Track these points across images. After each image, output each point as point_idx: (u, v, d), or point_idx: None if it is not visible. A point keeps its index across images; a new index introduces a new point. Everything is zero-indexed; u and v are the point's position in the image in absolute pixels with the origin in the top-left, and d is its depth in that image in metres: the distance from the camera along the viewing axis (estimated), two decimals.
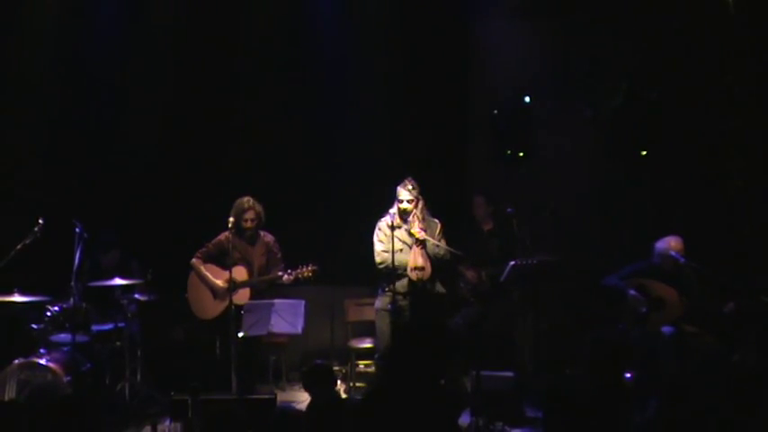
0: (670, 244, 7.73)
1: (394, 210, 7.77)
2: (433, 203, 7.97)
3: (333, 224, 9.11)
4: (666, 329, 7.63)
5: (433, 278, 7.79)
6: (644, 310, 7.65)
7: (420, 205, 7.73)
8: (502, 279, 8.03)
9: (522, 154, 8.91)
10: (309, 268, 7.65)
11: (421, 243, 7.68)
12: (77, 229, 7.55)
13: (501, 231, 8.31)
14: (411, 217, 7.71)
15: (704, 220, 8.63)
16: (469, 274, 8.31)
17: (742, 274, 7.67)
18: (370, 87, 9.32)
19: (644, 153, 8.86)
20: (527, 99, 8.95)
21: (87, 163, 9.13)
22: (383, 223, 7.81)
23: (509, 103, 9.00)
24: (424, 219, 7.74)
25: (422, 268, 7.67)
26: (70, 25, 9.13)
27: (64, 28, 9.13)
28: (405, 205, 7.69)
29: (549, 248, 8.14)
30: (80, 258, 7.56)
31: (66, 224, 7.63)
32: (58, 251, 7.78)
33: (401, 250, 7.71)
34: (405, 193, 7.69)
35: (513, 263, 7.89)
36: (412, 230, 7.66)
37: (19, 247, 7.62)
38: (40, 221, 7.64)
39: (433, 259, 7.75)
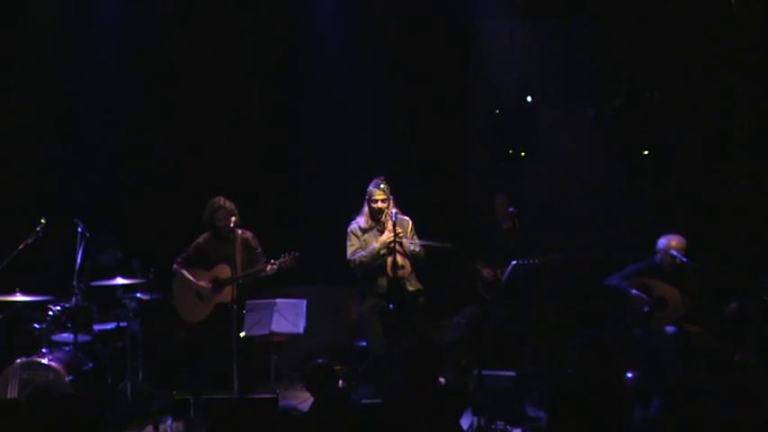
0: (671, 243, 7.71)
1: (366, 210, 7.75)
2: (433, 203, 7.96)
3: (334, 224, 9.09)
4: (669, 329, 7.64)
5: (412, 275, 7.79)
6: (646, 309, 7.66)
7: (391, 204, 7.71)
8: (503, 278, 8.05)
9: (523, 154, 8.92)
10: (292, 255, 7.58)
11: (398, 242, 7.67)
12: (79, 229, 7.55)
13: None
14: (384, 216, 7.69)
15: (705, 219, 8.64)
16: (486, 271, 8.32)
17: (743, 274, 7.68)
18: (371, 86, 9.32)
19: (645, 153, 8.88)
20: (529, 99, 8.95)
21: (88, 163, 9.12)
22: (355, 227, 7.77)
23: (511, 102, 9.01)
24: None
25: (402, 267, 7.66)
26: (71, 25, 9.13)
27: (65, 28, 9.12)
28: (379, 204, 7.66)
29: (550, 248, 8.16)
30: (82, 258, 7.57)
31: (68, 224, 7.64)
32: (60, 251, 7.78)
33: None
34: (378, 193, 7.66)
35: (514, 262, 7.90)
36: (387, 228, 7.64)
37: (21, 246, 7.61)
38: (42, 221, 7.63)
39: (411, 257, 7.75)
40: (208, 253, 7.82)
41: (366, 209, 7.72)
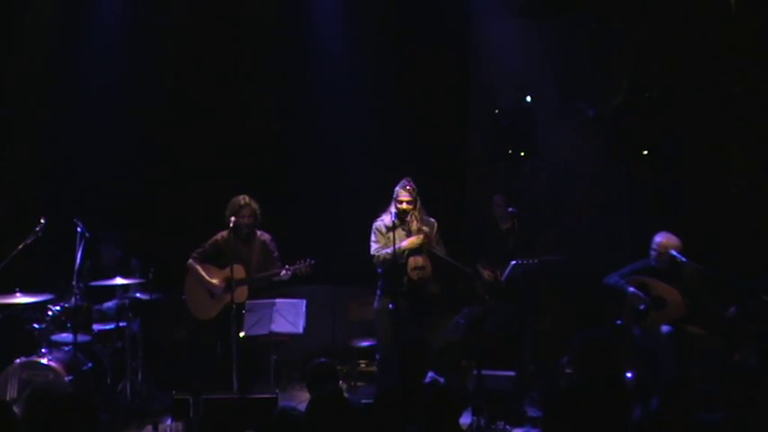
0: (669, 243, 7.68)
1: (392, 210, 7.77)
2: (432, 203, 7.97)
3: (333, 224, 9.11)
4: (664, 328, 7.63)
5: (433, 277, 7.80)
6: (642, 307, 7.65)
7: (418, 206, 7.73)
8: (503, 278, 8.04)
9: (523, 153, 8.92)
10: (307, 263, 7.61)
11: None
12: (79, 229, 7.55)
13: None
14: (409, 217, 7.71)
15: (705, 219, 8.64)
16: (486, 272, 8.31)
17: (743, 275, 7.66)
18: (371, 86, 9.32)
19: (645, 152, 8.87)
20: (528, 98, 8.95)
21: (88, 163, 9.13)
22: (380, 224, 7.81)
23: (510, 102, 9.01)
24: (421, 219, 7.74)
25: (422, 267, 7.68)
26: (71, 25, 9.14)
27: (65, 28, 9.13)
28: (404, 206, 7.68)
29: (550, 248, 8.15)
30: (81, 258, 7.57)
31: (68, 224, 7.64)
32: (60, 251, 7.79)
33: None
34: (404, 194, 7.69)
35: (514, 262, 7.90)
36: (412, 229, 7.67)
37: (20, 246, 7.61)
38: (42, 221, 7.64)
39: (432, 259, 7.76)
40: (224, 251, 7.83)
41: (392, 208, 7.75)
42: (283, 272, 7.65)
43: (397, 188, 7.73)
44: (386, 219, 7.80)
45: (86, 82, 9.14)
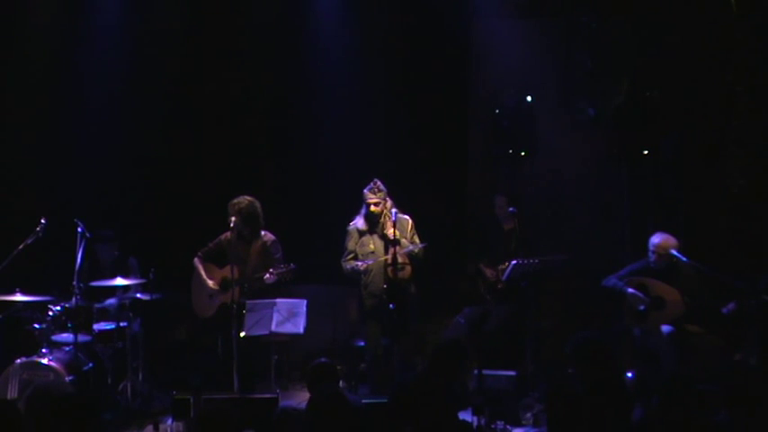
0: (668, 243, 7.69)
1: (363, 213, 7.78)
2: (433, 203, 7.98)
3: (333, 224, 9.10)
4: (665, 328, 7.63)
5: (412, 278, 7.81)
6: (641, 308, 7.65)
7: (389, 205, 7.73)
8: (503, 278, 8.05)
9: (523, 153, 8.92)
10: (288, 268, 7.62)
11: (396, 242, 7.69)
12: (79, 229, 7.56)
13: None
14: (382, 218, 7.71)
15: (705, 219, 8.64)
16: (488, 272, 8.32)
17: (743, 274, 7.67)
18: (371, 86, 9.32)
19: (645, 153, 8.88)
20: (529, 98, 8.95)
21: (88, 163, 9.13)
22: (352, 227, 7.82)
23: (511, 102, 9.00)
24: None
25: (402, 267, 7.68)
26: (71, 25, 9.13)
27: (65, 27, 9.13)
28: (372, 208, 7.70)
29: (551, 248, 8.16)
30: (82, 258, 7.58)
31: (68, 224, 7.64)
32: (60, 251, 7.79)
33: (372, 252, 7.73)
34: (371, 197, 7.71)
35: (514, 262, 7.90)
36: (385, 232, 7.68)
37: (21, 247, 7.62)
38: (42, 221, 7.64)
39: (412, 258, 7.77)
40: (226, 251, 7.87)
41: (364, 211, 7.75)
42: (267, 275, 7.66)
43: (365, 191, 7.74)
44: (358, 222, 7.82)
45: (86, 82, 9.13)
